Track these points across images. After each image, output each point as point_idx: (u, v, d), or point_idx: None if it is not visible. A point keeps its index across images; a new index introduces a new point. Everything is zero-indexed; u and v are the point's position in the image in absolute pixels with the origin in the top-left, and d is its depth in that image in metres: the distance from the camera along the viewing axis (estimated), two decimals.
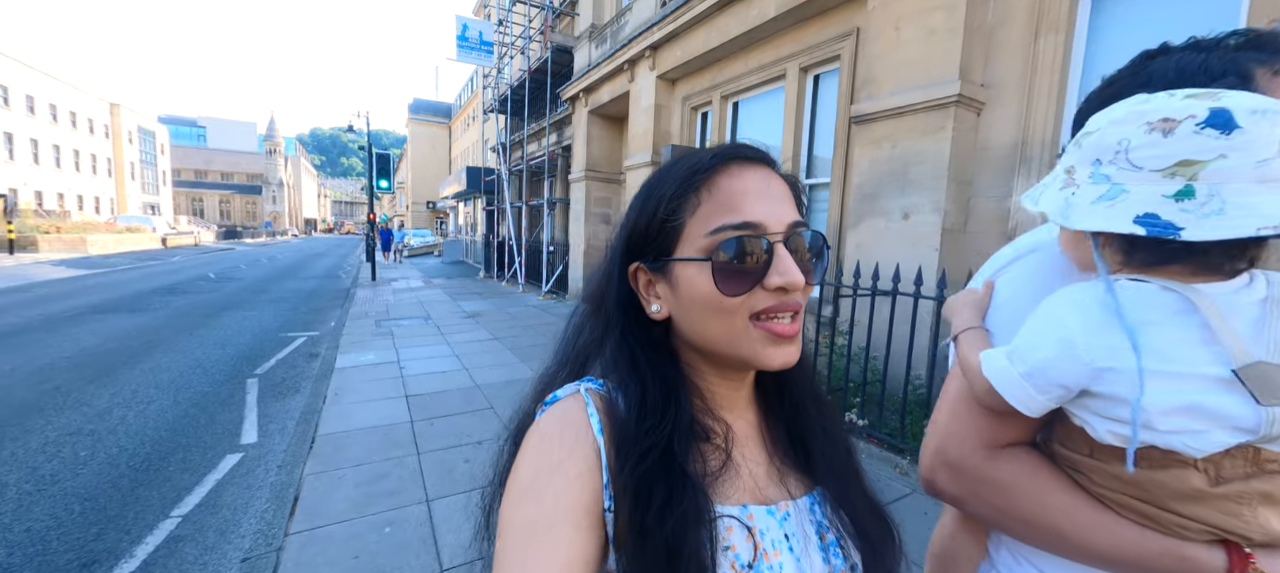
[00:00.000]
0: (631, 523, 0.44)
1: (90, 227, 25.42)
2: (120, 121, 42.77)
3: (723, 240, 0.47)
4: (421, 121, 45.94)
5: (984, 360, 0.57)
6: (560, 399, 0.51)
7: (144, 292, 10.93)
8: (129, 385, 4.74)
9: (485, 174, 15.80)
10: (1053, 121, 3.34)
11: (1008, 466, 0.59)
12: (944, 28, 3.58)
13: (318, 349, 6.37)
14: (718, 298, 0.47)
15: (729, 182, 0.49)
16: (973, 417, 0.61)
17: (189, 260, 19.89)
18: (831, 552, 0.52)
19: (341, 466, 3.10)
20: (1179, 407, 0.46)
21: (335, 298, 11.00)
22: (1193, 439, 0.47)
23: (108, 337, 6.62)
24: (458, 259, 22.19)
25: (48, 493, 2.87)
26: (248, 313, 8.84)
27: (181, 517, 2.70)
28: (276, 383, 5.02)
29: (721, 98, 6.43)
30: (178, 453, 3.43)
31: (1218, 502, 0.49)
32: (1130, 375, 0.46)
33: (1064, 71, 3.32)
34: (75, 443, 3.50)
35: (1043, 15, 3.34)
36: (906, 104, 3.75)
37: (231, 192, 66.38)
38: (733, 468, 0.51)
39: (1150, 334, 0.46)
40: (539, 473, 0.44)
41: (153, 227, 30.88)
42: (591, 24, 9.35)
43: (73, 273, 14.21)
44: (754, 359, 0.49)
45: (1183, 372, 0.45)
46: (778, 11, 5.07)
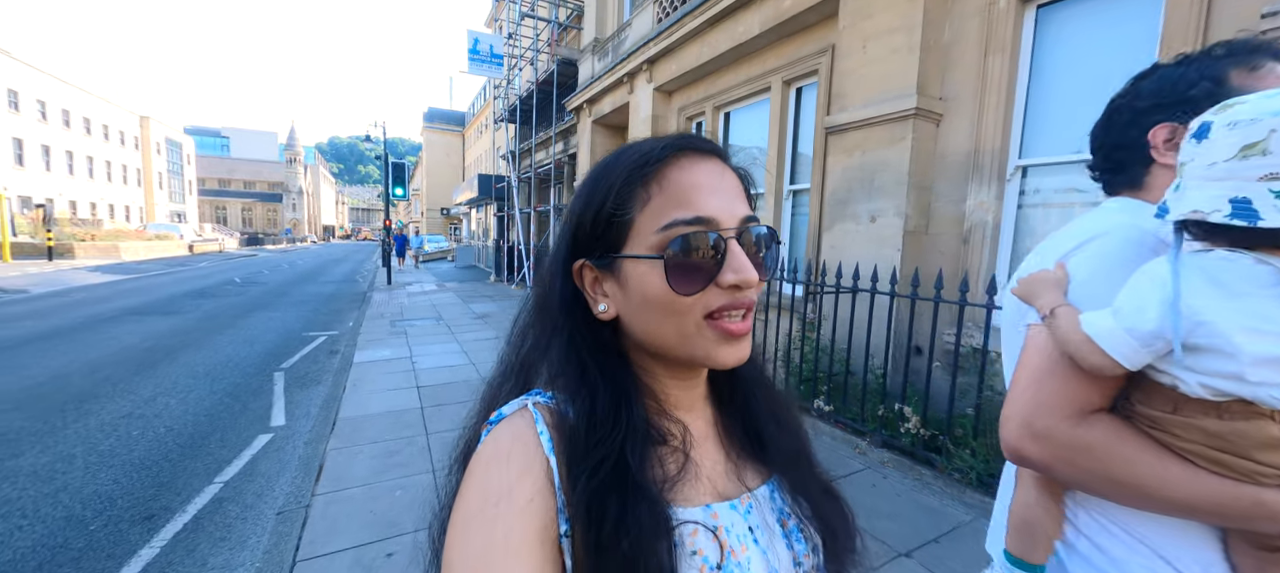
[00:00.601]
0: (587, 543, 0.42)
1: (123, 234, 26.57)
2: (149, 133, 44.45)
3: (675, 237, 0.45)
4: (436, 130, 46.94)
5: (1085, 322, 0.60)
6: (506, 417, 0.48)
7: (176, 295, 11.59)
8: (170, 377, 5.23)
9: (496, 181, 16.33)
10: (1001, 132, 3.64)
11: (1095, 430, 0.62)
12: (904, 47, 3.90)
13: (337, 347, 6.85)
14: (670, 297, 0.45)
15: (681, 174, 0.47)
16: (1059, 386, 0.64)
17: (215, 266, 20.75)
18: (794, 538, 0.52)
19: (359, 442, 3.52)
20: (1269, 357, 0.51)
21: (353, 301, 11.54)
22: (1262, 390, 0.53)
23: (147, 336, 7.18)
24: (470, 264, 22.78)
25: (109, 463, 3.32)
26: (272, 314, 9.40)
27: (223, 483, 3.13)
28: (301, 376, 5.48)
29: (713, 108, 6.79)
30: (216, 433, 3.88)
31: (1262, 457, 0.54)
32: (1229, 324, 0.52)
33: (1011, 87, 3.62)
34: (128, 424, 3.97)
35: (991, 36, 3.66)
36: (872, 116, 4.08)
37: (253, 199, 68.32)
38: (693, 469, 0.49)
39: (1244, 299, 0.53)
40: (486, 501, 0.41)
41: (180, 234, 32.10)
42: (594, 38, 9.79)
43: (108, 278, 15.01)
44: (707, 359, 0.47)
45: (1273, 330, 0.51)
46: (761, 29, 5.43)
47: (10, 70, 29.63)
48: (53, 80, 33.34)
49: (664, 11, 7.21)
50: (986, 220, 3.73)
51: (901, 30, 3.91)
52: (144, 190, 44.37)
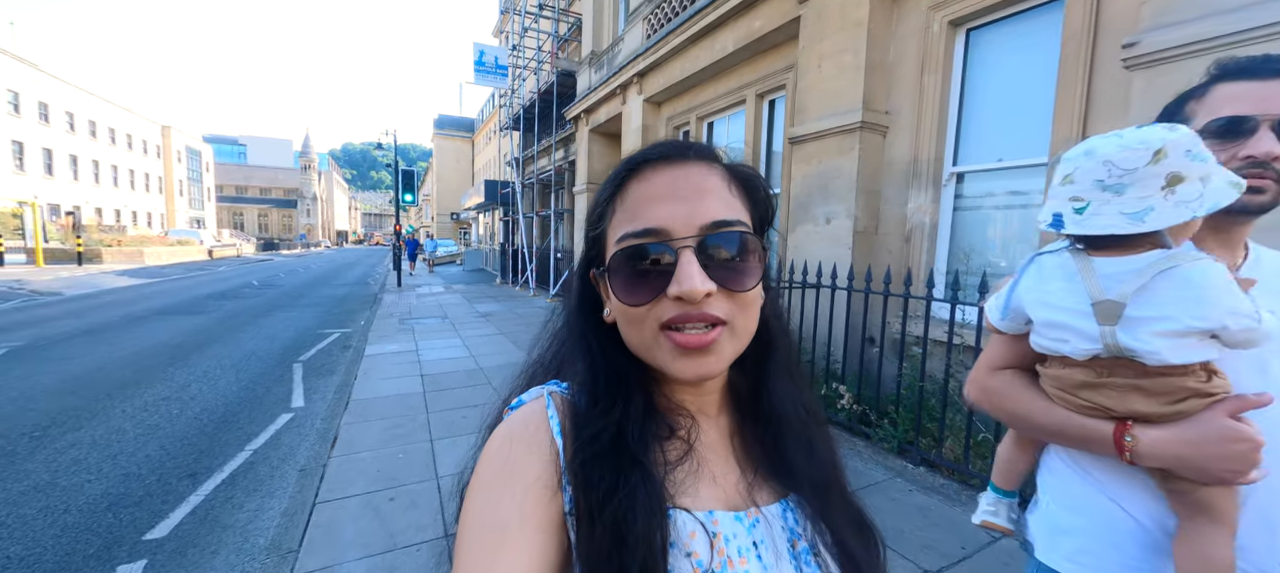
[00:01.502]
0: (581, 512, 0.43)
1: (146, 240, 27.61)
2: (170, 142, 45.91)
3: (622, 249, 0.46)
4: (446, 136, 47.85)
5: (986, 303, 0.95)
6: (525, 402, 0.50)
7: (199, 297, 12.27)
8: (200, 368, 5.79)
9: (502, 187, 16.92)
10: (937, 142, 4.07)
11: (999, 379, 0.92)
12: (852, 66, 4.35)
13: (350, 342, 7.40)
14: (623, 308, 0.47)
15: (637, 187, 0.48)
16: (986, 351, 0.96)
17: (233, 270, 21.58)
18: (804, 561, 0.50)
19: (369, 418, 4.02)
20: (1051, 322, 0.80)
21: (365, 302, 12.14)
22: (1064, 346, 0.78)
23: (175, 333, 7.79)
24: (478, 267, 23.41)
25: (155, 436, 3.85)
26: (290, 314, 10.01)
27: (252, 450, 3.64)
28: (317, 367, 6.02)
29: (697, 118, 7.26)
30: (244, 412, 4.41)
31: (1099, 389, 0.77)
32: (1031, 303, 0.83)
33: (944, 102, 4.05)
34: (168, 405, 4.52)
35: (927, 56, 4.09)
36: (826, 128, 4.52)
37: (269, 205, 69.98)
38: (698, 467, 0.50)
39: (1046, 282, 0.81)
40: (495, 478, 0.43)
41: (200, 239, 33.20)
42: (591, 51, 10.31)
43: (135, 282, 15.79)
44: (667, 370, 0.47)
45: (1056, 304, 0.79)
46: (735, 46, 5.89)
47: (40, 83, 30.96)
48: (79, 92, 34.70)
49: (652, 28, 7.70)
50: (925, 221, 4.16)
51: (849, 51, 4.36)
52: (165, 197, 45.79)
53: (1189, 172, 0.68)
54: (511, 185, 15.53)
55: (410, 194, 15.01)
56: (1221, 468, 0.72)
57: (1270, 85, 0.78)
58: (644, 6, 7.93)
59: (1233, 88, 0.81)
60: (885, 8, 4.30)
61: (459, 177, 46.29)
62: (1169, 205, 0.69)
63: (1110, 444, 0.77)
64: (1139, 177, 0.70)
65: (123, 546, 2.51)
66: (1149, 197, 0.69)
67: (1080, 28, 3.18)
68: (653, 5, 7.61)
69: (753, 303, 0.48)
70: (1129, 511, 0.80)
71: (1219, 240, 0.83)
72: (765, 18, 5.41)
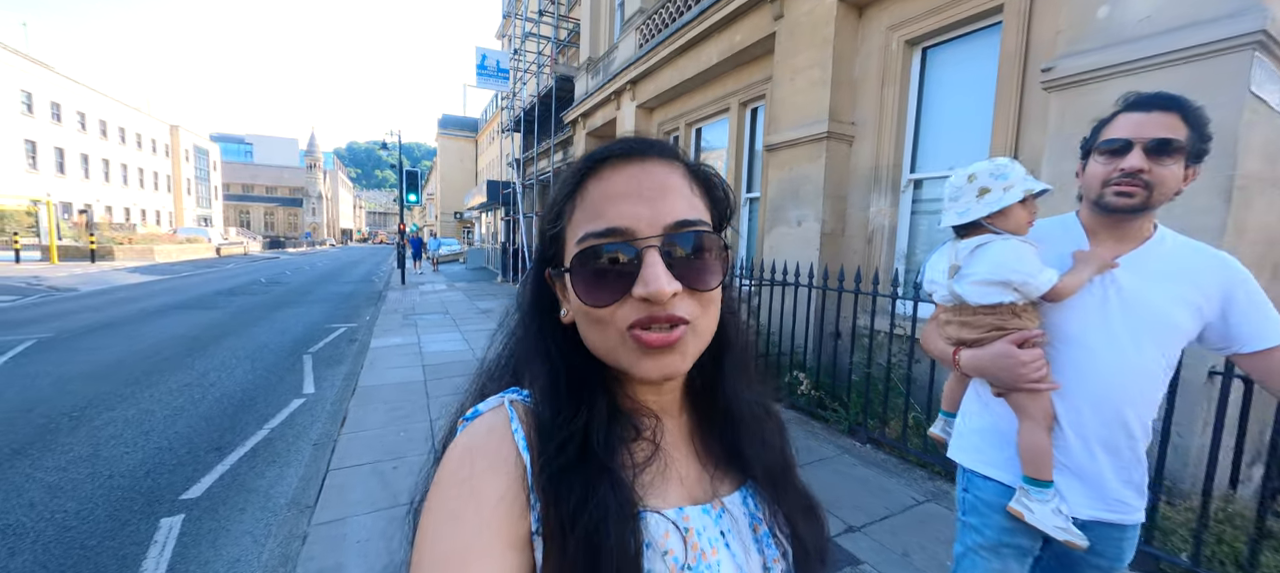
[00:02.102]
0: (551, 528, 0.42)
1: (156, 238, 28.17)
2: (179, 142, 46.56)
3: (584, 249, 0.45)
4: (450, 136, 48.29)
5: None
6: (482, 413, 0.48)
7: (210, 293, 12.72)
8: (217, 358, 6.20)
9: (503, 187, 17.32)
10: (895, 151, 4.43)
11: (928, 325, 1.35)
12: (819, 81, 4.70)
13: (356, 336, 7.80)
14: (588, 310, 0.46)
15: (597, 185, 0.47)
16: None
17: (241, 268, 22.07)
18: (765, 543, 0.53)
19: (374, 402, 4.41)
20: (932, 280, 1.26)
21: (370, 299, 12.55)
22: (936, 295, 1.25)
23: (191, 326, 8.21)
24: (480, 265, 23.84)
25: (182, 416, 4.25)
26: (298, 309, 10.43)
27: (270, 429, 4.04)
28: (326, 358, 6.42)
29: (686, 124, 7.63)
30: (261, 397, 4.81)
31: (950, 326, 1.22)
32: (931, 273, 1.28)
33: (903, 115, 4.40)
34: (191, 391, 4.92)
35: (887, 72, 4.44)
36: (797, 137, 4.88)
37: (275, 204, 70.68)
38: (665, 467, 0.50)
39: (937, 258, 1.27)
40: (456, 497, 0.41)
41: (208, 237, 33.76)
42: (588, 57, 10.69)
43: (146, 278, 16.27)
44: (631, 370, 0.46)
45: (937, 269, 1.25)
46: (719, 58, 6.25)
47: (53, 84, 31.58)
48: (90, 92, 35.33)
49: (644, 38, 8.06)
50: (885, 224, 4.51)
51: (817, 66, 4.71)
52: (173, 196, 46.45)
53: (992, 186, 1.13)
54: (512, 186, 15.93)
55: (414, 194, 15.42)
56: (1007, 377, 1.10)
57: (1147, 116, 1.02)
58: (636, 17, 8.30)
59: (1125, 118, 1.05)
60: (851, 26, 4.65)
61: (463, 176, 46.73)
62: (979, 205, 1.14)
63: (951, 361, 1.21)
64: (963, 191, 1.18)
65: (163, 503, 2.90)
66: (968, 202, 1.16)
67: (1014, 50, 3.54)
68: (645, 16, 7.98)
69: (714, 302, 0.48)
70: (998, 416, 1.18)
71: (1113, 233, 1.11)
72: (745, 32, 5.77)
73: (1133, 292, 1.07)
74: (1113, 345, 1.07)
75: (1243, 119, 2.44)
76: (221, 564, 2.41)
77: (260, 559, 2.38)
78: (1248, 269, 1.10)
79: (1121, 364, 1.06)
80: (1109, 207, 1.07)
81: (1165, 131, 1.01)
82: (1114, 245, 1.10)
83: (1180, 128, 1.01)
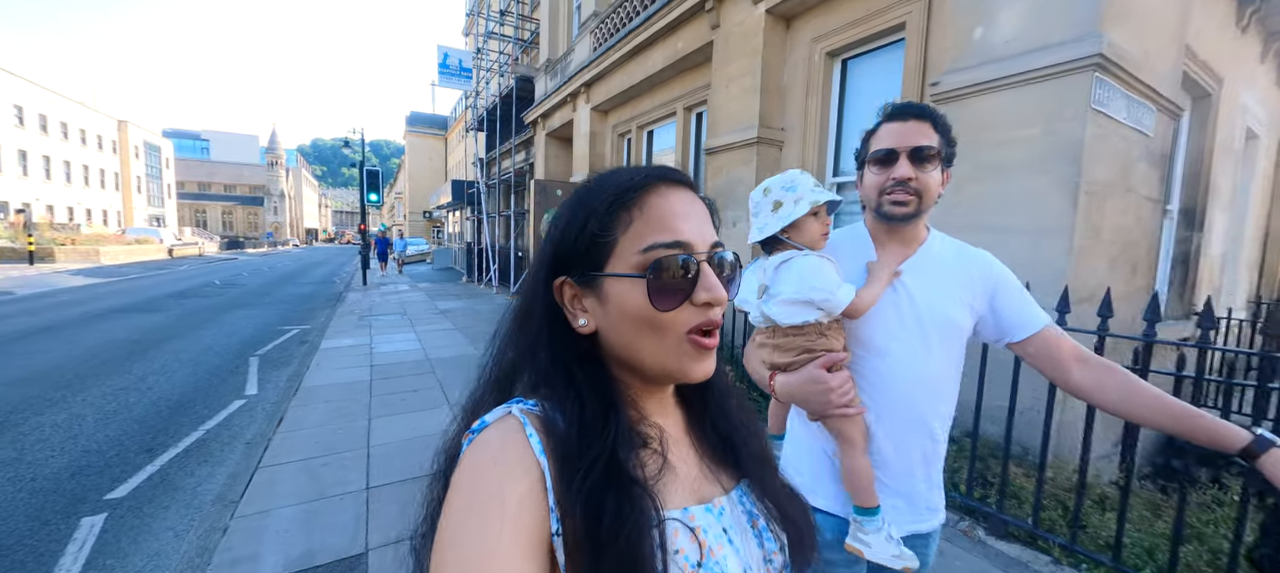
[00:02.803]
0: (585, 540, 0.44)
1: (102, 239, 26.89)
2: (127, 137, 44.41)
3: (656, 258, 0.49)
4: (418, 133, 47.38)
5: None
6: (490, 424, 0.49)
7: (158, 296, 12.31)
8: (157, 362, 6.10)
9: (468, 186, 17.21)
10: (819, 155, 4.71)
11: (748, 347, 1.22)
12: (750, 89, 4.95)
13: (308, 338, 7.73)
14: (651, 313, 0.49)
15: (660, 201, 0.51)
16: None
17: (195, 270, 21.30)
18: (764, 536, 0.56)
19: (315, 402, 4.46)
20: (744, 300, 1.13)
21: (328, 301, 12.34)
22: (751, 318, 1.14)
23: (134, 330, 7.99)
24: (447, 266, 23.57)
25: (114, 420, 4.22)
26: (250, 312, 10.22)
27: (206, 430, 4.05)
28: (273, 360, 6.38)
29: (637, 127, 7.82)
30: (200, 399, 4.79)
31: (765, 349, 1.13)
32: (743, 291, 1.14)
33: (825, 121, 4.69)
34: (126, 394, 4.86)
35: (810, 81, 4.72)
36: (732, 142, 5.13)
37: (234, 203, 68.08)
38: (670, 472, 0.52)
39: (748, 275, 1.14)
40: (475, 505, 0.42)
41: (160, 238, 32.35)
42: (547, 58, 10.78)
43: (91, 281, 15.59)
44: (680, 373, 0.51)
45: (748, 288, 1.13)
46: (665, 64, 6.46)
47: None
48: (29, 85, 33.41)
49: (598, 42, 8.22)
50: None
51: (748, 74, 4.96)
52: (122, 194, 44.31)
53: (785, 199, 1.07)
54: (477, 185, 15.87)
55: (375, 194, 15.20)
56: (816, 403, 1.03)
57: (905, 125, 1.05)
58: (591, 21, 8.45)
59: (887, 127, 1.08)
60: (779, 38, 4.91)
61: (432, 174, 45.92)
62: (774, 219, 1.09)
63: (768, 386, 1.11)
64: (761, 206, 1.12)
65: (86, 503, 2.93)
66: (766, 217, 1.11)
67: (914, 65, 3.84)
68: (599, 20, 8.13)
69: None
70: (821, 444, 1.13)
71: (896, 239, 1.13)
72: (686, 40, 5.99)
73: (922, 296, 1.09)
74: (913, 353, 1.08)
75: (1088, 132, 2.75)
76: (141, 558, 2.47)
77: (179, 551, 2.46)
78: (1104, 266, 1.26)
79: (923, 370, 1.08)
80: (888, 215, 1.08)
81: (922, 139, 1.04)
82: (899, 250, 1.12)
83: (932, 135, 1.05)
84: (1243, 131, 5.68)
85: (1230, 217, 6.23)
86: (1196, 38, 4.17)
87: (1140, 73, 2.98)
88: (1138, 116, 3.10)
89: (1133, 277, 3.40)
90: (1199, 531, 2.25)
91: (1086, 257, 2.85)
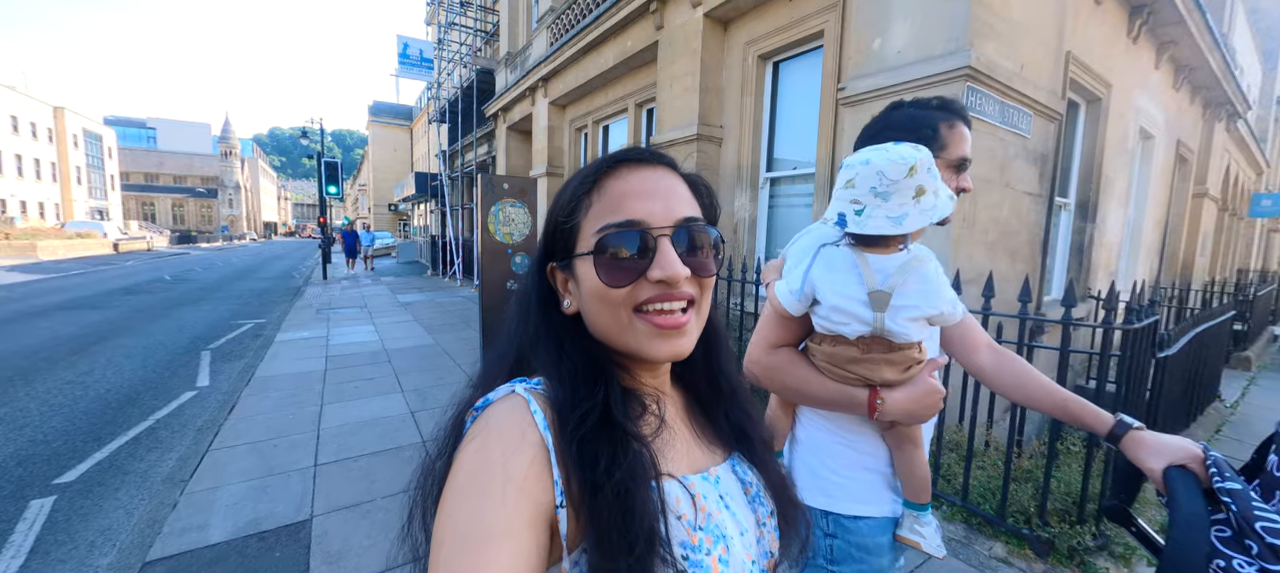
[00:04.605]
0: (584, 487, 0.46)
1: (39, 233, 25.45)
2: (64, 125, 41.89)
3: (604, 236, 0.51)
4: (382, 124, 46.06)
5: (777, 287, 1.02)
6: (493, 402, 0.51)
7: (103, 292, 11.88)
8: (104, 356, 6.03)
9: (431, 179, 17.06)
10: (753, 152, 5.04)
11: (778, 356, 1.04)
12: (691, 88, 5.24)
13: (263, 331, 7.70)
14: (603, 290, 0.51)
15: (615, 183, 0.53)
16: (764, 332, 1.06)
17: (143, 265, 20.43)
18: (757, 502, 0.60)
19: (268, 391, 4.57)
20: (839, 307, 0.94)
21: (286, 295, 12.15)
22: (845, 328, 0.95)
23: (79, 327, 7.79)
24: (413, 259, 23.27)
25: (60, 412, 4.24)
26: (203, 307, 10.03)
27: (156, 419, 4.13)
28: (226, 353, 6.38)
29: (594, 122, 8.04)
30: (149, 392, 4.82)
31: (864, 363, 0.95)
32: (824, 287, 0.95)
33: (758, 120, 5.02)
34: (72, 389, 4.85)
35: (744, 82, 5.04)
36: (675, 138, 5.41)
37: (185, 195, 64.94)
38: (669, 438, 0.55)
39: (834, 272, 0.95)
40: (481, 476, 0.43)
41: (103, 232, 30.75)
42: (507, 51, 10.84)
43: (28, 278, 14.85)
44: (640, 351, 0.52)
45: (844, 292, 0.94)
46: (615, 61, 6.69)
47: None
48: None
49: (554, 36, 8.37)
50: (747, 218, 5.14)
51: (689, 75, 5.25)
52: (60, 186, 41.83)
53: (928, 186, 0.87)
54: (440, 177, 15.76)
55: (334, 186, 14.96)
56: (927, 413, 0.98)
57: (966, 132, 1.08)
58: (548, 16, 8.58)
59: (964, 131, 1.07)
60: (717, 40, 5.21)
61: (398, 166, 44.77)
62: (917, 212, 0.87)
63: (865, 407, 0.97)
64: (899, 187, 0.86)
65: (34, 488, 3.03)
66: (905, 204, 0.87)
67: (831, 70, 4.19)
68: (555, 15, 8.28)
69: (710, 289, 0.56)
70: (861, 451, 1.06)
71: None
72: (635, 38, 6.24)
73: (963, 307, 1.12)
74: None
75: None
76: (92, 533, 2.61)
77: (129, 525, 2.62)
78: (982, 253, 1.39)
79: None
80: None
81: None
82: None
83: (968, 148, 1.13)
84: (1136, 131, 6.30)
85: (1129, 209, 6.90)
86: (1084, 48, 4.65)
87: (1013, 82, 3.39)
88: (1013, 120, 3.53)
89: (1013, 263, 3.84)
90: (1034, 474, 2.67)
91: (962, 244, 3.25)
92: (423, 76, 14.73)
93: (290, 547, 2.37)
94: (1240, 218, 15.16)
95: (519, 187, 4.74)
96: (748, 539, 0.56)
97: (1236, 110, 9.37)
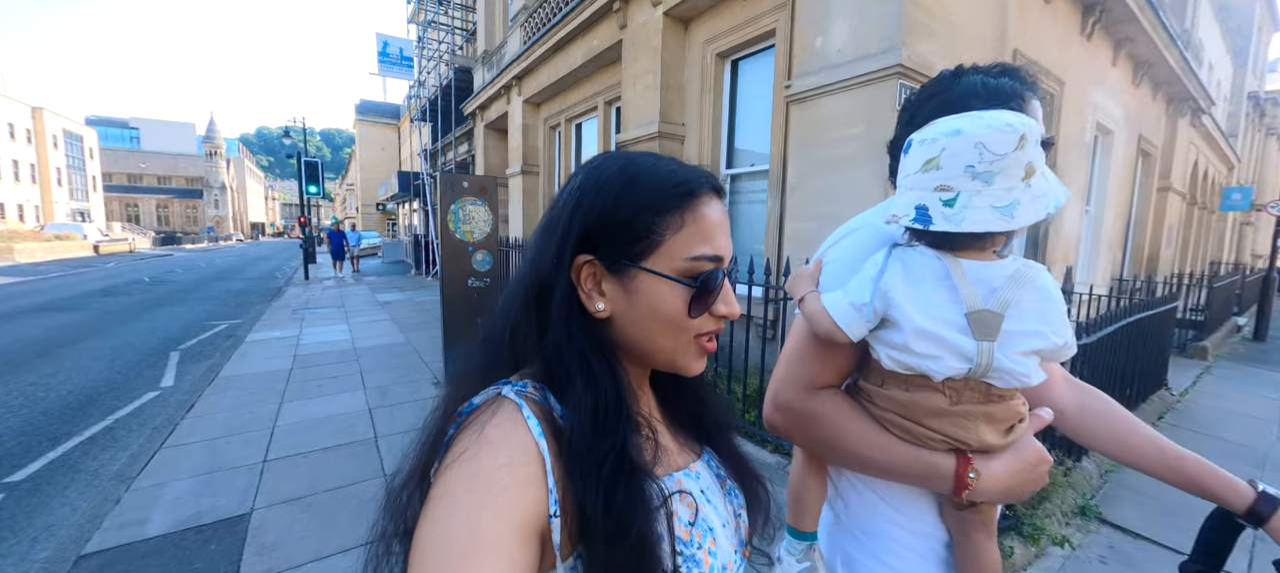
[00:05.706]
0: (597, 529, 0.45)
1: (17, 235, 25.10)
2: (44, 125, 41.25)
3: (704, 271, 0.52)
4: (369, 123, 45.72)
5: (826, 301, 0.72)
6: (480, 406, 0.49)
7: (79, 294, 11.77)
8: (70, 358, 6.01)
9: (414, 178, 17.01)
10: (713, 150, 5.12)
11: (820, 401, 0.75)
12: (653, 86, 5.31)
13: (236, 332, 7.69)
14: (682, 317, 0.52)
15: (709, 210, 0.53)
16: (799, 366, 0.77)
17: (123, 267, 20.21)
18: (731, 495, 0.62)
19: (230, 390, 4.60)
20: (927, 333, 0.64)
21: (265, 295, 12.09)
22: (933, 364, 0.65)
23: (50, 329, 7.73)
24: (397, 259, 23.22)
25: (20, 413, 4.24)
26: (179, 308, 9.97)
27: (115, 419, 4.15)
28: (195, 354, 6.38)
29: (566, 120, 8.09)
30: (111, 392, 4.83)
31: (953, 418, 0.67)
32: (905, 302, 0.66)
33: (718, 118, 5.10)
34: (35, 390, 4.84)
35: (704, 80, 5.11)
36: (639, 136, 5.48)
37: (169, 196, 64.15)
38: (660, 449, 0.56)
39: (918, 285, 0.66)
40: (472, 486, 0.42)
41: (83, 234, 30.33)
42: (484, 50, 10.85)
43: (3, 280, 14.66)
44: (683, 367, 0.55)
45: (934, 313, 0.65)
46: (584, 60, 6.74)
47: None
48: None
49: (527, 35, 8.40)
50: None
51: (650, 73, 5.32)
52: (40, 187, 41.20)
53: (1038, 163, 0.62)
54: (423, 176, 15.71)
55: (314, 186, 14.89)
56: (1030, 491, 0.70)
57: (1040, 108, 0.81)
58: (521, 14, 8.61)
59: (1038, 107, 0.75)
60: (677, 39, 5.28)
61: (385, 164, 44.41)
62: (1029, 199, 0.61)
63: (950, 481, 0.68)
64: (1007, 164, 0.60)
65: None
66: (1014, 188, 0.61)
67: (783, 69, 4.26)
68: (527, 14, 8.31)
69: None
70: (916, 531, 0.78)
71: None
72: (600, 38, 6.29)
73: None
74: None
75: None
76: (36, 529, 2.65)
77: (71, 521, 2.65)
78: None
79: None
80: None
81: None
82: None
83: None
84: (1093, 126, 6.44)
85: (1089, 204, 7.06)
86: (1034, 46, 4.77)
87: None
88: None
89: None
90: None
91: None
92: (403, 75, 14.69)
93: (226, 540, 2.41)
94: (1212, 212, 15.50)
95: (479, 185, 4.78)
96: (728, 530, 0.58)
97: (1200, 106, 9.58)
